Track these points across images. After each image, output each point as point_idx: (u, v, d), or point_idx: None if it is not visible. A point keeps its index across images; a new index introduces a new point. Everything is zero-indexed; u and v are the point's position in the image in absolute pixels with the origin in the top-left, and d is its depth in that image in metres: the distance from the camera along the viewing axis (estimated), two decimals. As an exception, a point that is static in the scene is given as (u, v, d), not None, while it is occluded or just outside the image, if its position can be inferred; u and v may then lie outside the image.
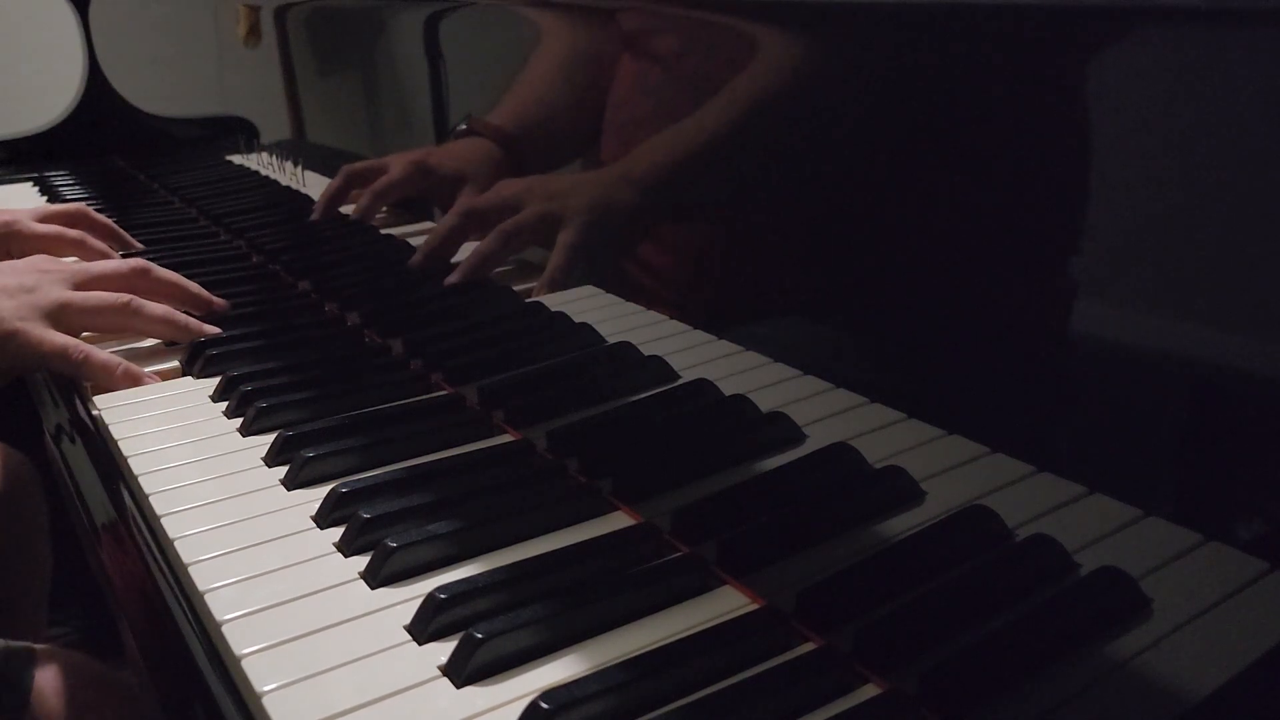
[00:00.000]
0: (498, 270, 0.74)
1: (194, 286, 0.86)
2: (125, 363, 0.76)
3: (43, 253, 1.03)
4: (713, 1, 0.52)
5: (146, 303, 0.80)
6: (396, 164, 0.87)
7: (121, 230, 1.09)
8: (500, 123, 0.72)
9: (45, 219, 1.03)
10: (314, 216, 0.98)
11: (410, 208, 0.89)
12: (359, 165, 0.92)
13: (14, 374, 0.79)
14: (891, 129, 0.45)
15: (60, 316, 0.78)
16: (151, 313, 0.80)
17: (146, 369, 0.77)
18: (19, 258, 1.04)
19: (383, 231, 0.90)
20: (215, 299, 0.87)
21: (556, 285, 0.68)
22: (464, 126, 0.74)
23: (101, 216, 1.08)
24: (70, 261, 0.96)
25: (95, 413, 0.71)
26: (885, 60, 0.45)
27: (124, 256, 1.03)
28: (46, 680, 0.72)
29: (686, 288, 0.61)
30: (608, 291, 0.65)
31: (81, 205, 1.09)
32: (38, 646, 0.74)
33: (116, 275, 0.83)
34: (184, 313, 0.83)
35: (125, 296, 0.80)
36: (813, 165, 0.49)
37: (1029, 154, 0.40)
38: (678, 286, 0.61)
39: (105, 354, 0.76)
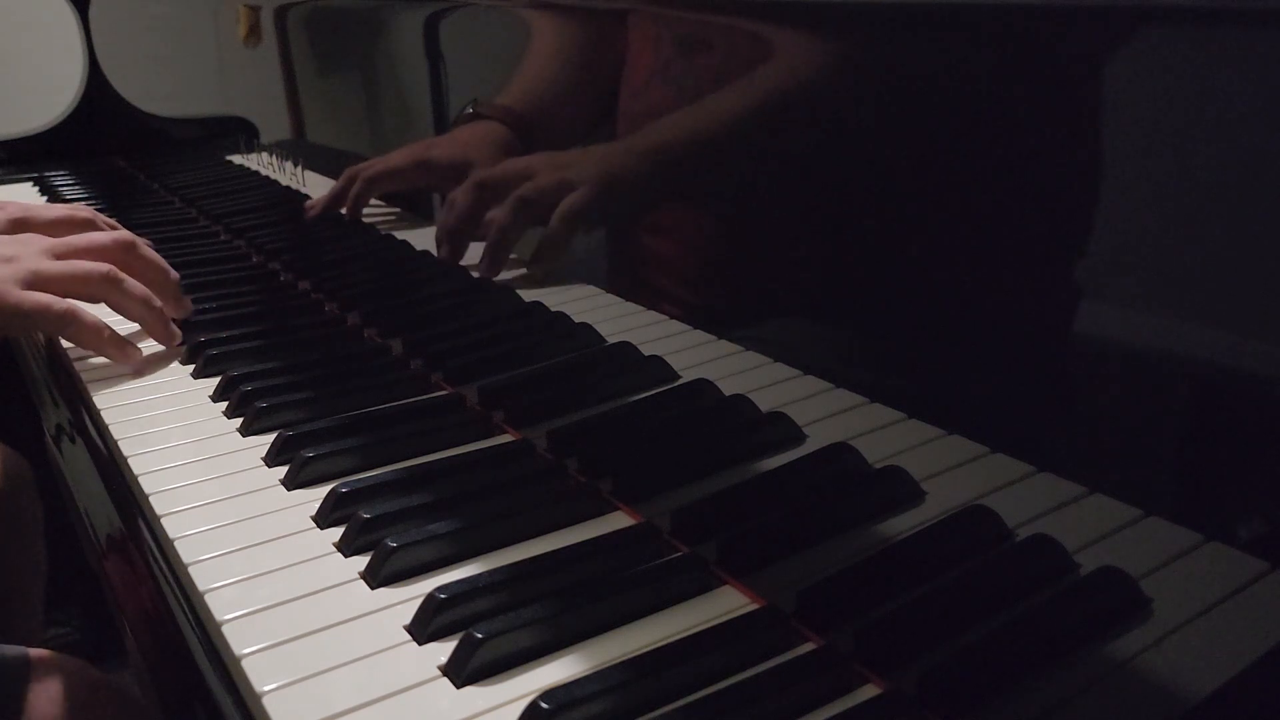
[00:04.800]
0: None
1: (174, 276, 0.84)
2: (113, 329, 0.74)
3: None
4: (727, 2, 0.52)
5: (127, 278, 0.78)
6: (397, 155, 0.86)
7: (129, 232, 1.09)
8: (509, 103, 0.71)
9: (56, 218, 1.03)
10: (309, 212, 0.98)
11: (413, 208, 0.89)
12: (362, 167, 0.91)
13: None
14: (892, 129, 0.45)
15: (37, 284, 0.75)
16: (131, 289, 0.77)
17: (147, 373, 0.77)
18: None
19: (383, 231, 0.90)
20: (186, 301, 0.85)
21: (548, 253, 0.67)
22: (470, 110, 0.74)
23: (108, 220, 1.08)
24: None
25: (95, 413, 0.71)
26: (888, 60, 0.45)
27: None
28: (42, 689, 0.71)
29: (687, 287, 0.60)
30: (608, 291, 0.65)
31: (89, 209, 1.09)
32: (33, 653, 0.74)
33: (100, 247, 0.80)
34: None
35: (105, 266, 0.77)
36: (815, 165, 0.49)
37: (1028, 154, 0.40)
38: (678, 286, 0.61)
39: (93, 315, 0.75)
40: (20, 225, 1.01)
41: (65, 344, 0.82)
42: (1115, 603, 0.39)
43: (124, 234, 0.83)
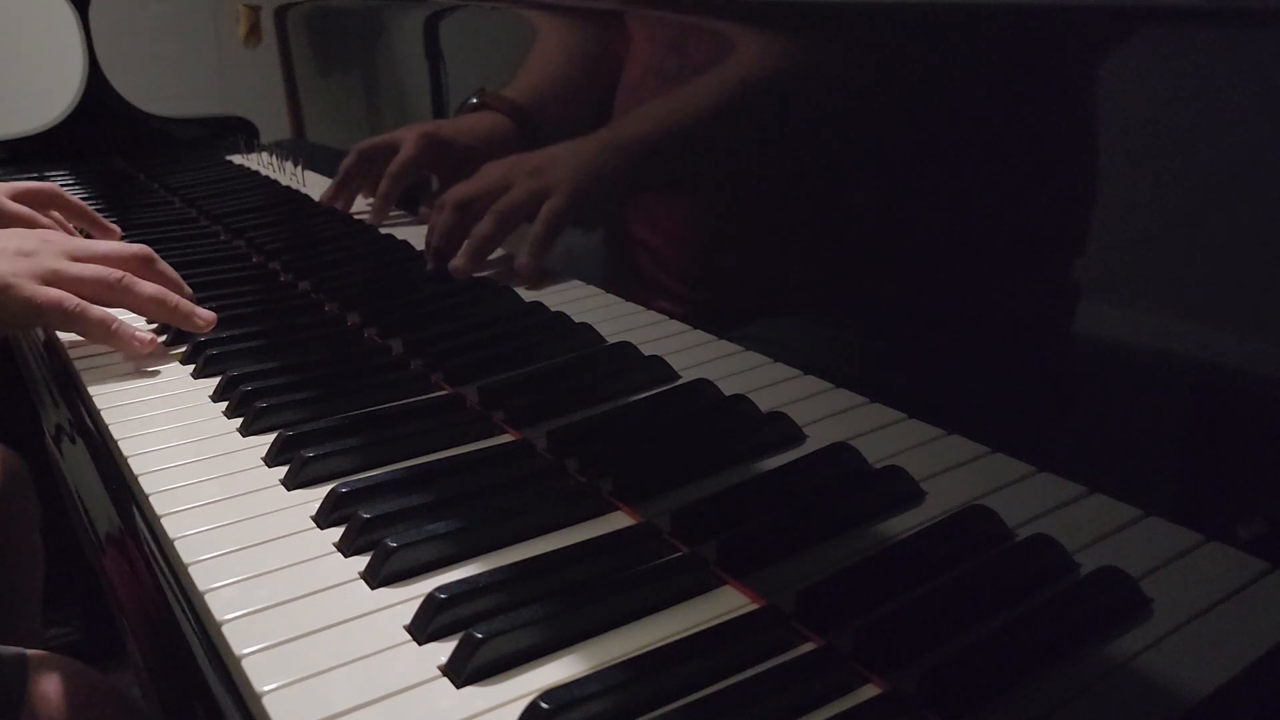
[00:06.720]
0: (498, 269, 0.74)
1: (187, 291, 0.85)
2: (121, 320, 0.76)
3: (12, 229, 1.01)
4: (719, 5, 0.52)
5: (140, 281, 0.79)
6: (407, 140, 0.86)
7: (95, 213, 1.07)
8: (514, 96, 0.71)
9: (17, 196, 1.01)
10: (325, 196, 0.97)
11: (413, 208, 0.89)
12: (370, 142, 0.90)
13: (5, 329, 0.79)
14: (892, 128, 0.45)
15: (53, 282, 0.77)
16: (143, 291, 0.79)
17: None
18: None
19: (383, 231, 0.90)
20: (205, 313, 0.85)
21: (537, 255, 0.68)
22: (475, 100, 0.74)
23: (74, 198, 1.06)
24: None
25: (95, 413, 0.71)
26: (887, 59, 0.45)
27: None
28: (41, 688, 0.71)
29: (687, 287, 0.60)
30: (607, 291, 0.65)
31: (54, 185, 1.06)
32: (31, 653, 0.74)
33: (117, 257, 0.82)
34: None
35: (119, 273, 0.79)
36: (814, 165, 0.49)
37: (1028, 154, 0.40)
38: (678, 286, 0.61)
39: (101, 309, 0.76)
40: None
41: (65, 339, 0.82)
42: (1115, 603, 0.39)
43: (142, 247, 0.84)
